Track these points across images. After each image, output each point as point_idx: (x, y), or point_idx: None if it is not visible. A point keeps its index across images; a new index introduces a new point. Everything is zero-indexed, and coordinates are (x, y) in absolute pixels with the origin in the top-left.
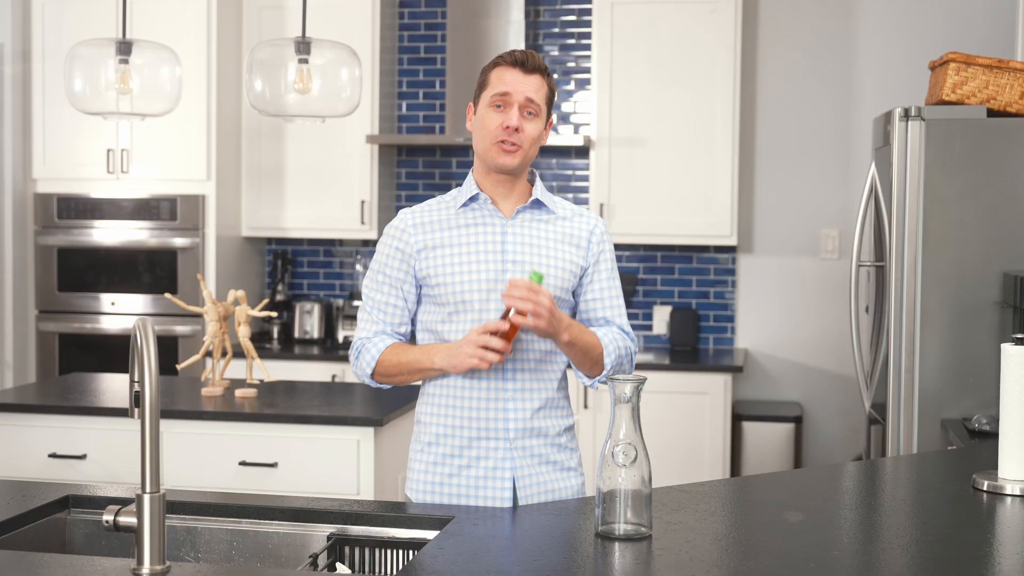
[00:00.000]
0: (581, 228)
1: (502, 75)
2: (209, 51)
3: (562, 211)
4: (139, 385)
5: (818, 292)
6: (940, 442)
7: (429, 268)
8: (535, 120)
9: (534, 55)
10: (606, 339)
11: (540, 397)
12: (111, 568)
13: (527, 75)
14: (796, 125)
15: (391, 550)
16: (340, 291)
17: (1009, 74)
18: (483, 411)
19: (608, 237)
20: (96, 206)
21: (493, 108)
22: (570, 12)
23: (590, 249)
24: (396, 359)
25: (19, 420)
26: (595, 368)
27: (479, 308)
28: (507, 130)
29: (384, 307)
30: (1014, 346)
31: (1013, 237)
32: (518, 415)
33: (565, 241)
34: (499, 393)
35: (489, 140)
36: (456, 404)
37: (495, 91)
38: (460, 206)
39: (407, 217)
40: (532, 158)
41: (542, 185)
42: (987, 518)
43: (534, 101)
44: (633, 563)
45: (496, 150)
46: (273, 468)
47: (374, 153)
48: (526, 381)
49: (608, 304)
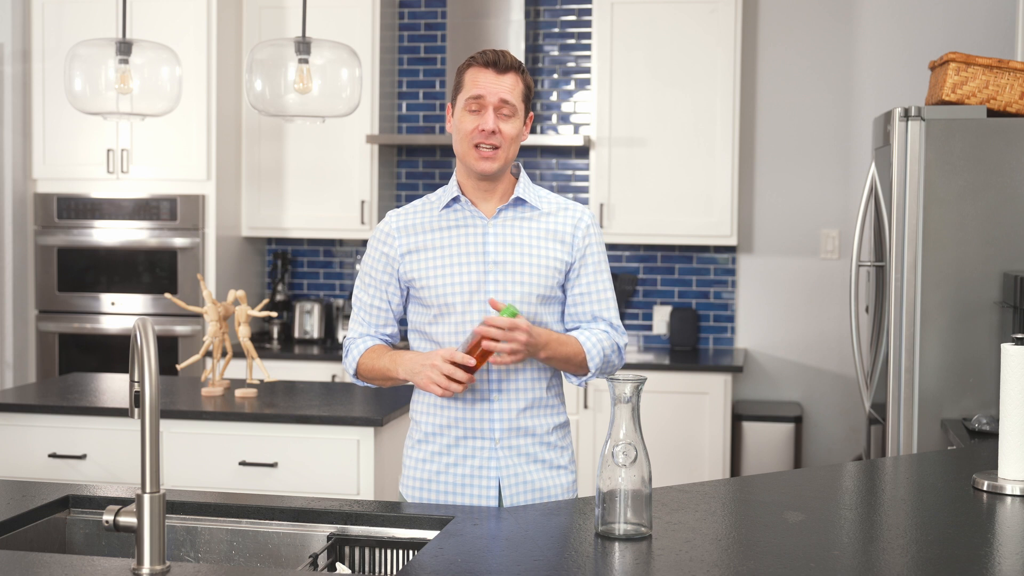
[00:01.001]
0: (566, 223)
1: (475, 77)
2: (209, 51)
3: (546, 206)
4: (139, 385)
5: (818, 292)
6: (940, 442)
7: (413, 272)
8: (511, 120)
9: (506, 54)
10: (589, 343)
11: (526, 398)
12: (111, 568)
13: (500, 75)
14: (796, 125)
15: (391, 550)
16: (340, 291)
17: (1009, 74)
18: (469, 411)
19: (596, 231)
20: (96, 206)
21: (468, 111)
22: (570, 12)
23: (575, 244)
24: (371, 364)
25: (19, 420)
26: (580, 370)
27: (462, 311)
28: (483, 133)
29: (369, 309)
30: (1014, 346)
31: (1013, 237)
32: (503, 415)
33: (549, 237)
34: (484, 394)
35: (466, 143)
36: (445, 403)
37: (469, 94)
38: (443, 207)
39: (392, 220)
40: (513, 157)
41: (527, 180)
42: (987, 518)
43: (509, 102)
44: (633, 563)
45: (474, 155)
46: (273, 468)
47: (374, 153)
48: (511, 382)
49: (595, 299)
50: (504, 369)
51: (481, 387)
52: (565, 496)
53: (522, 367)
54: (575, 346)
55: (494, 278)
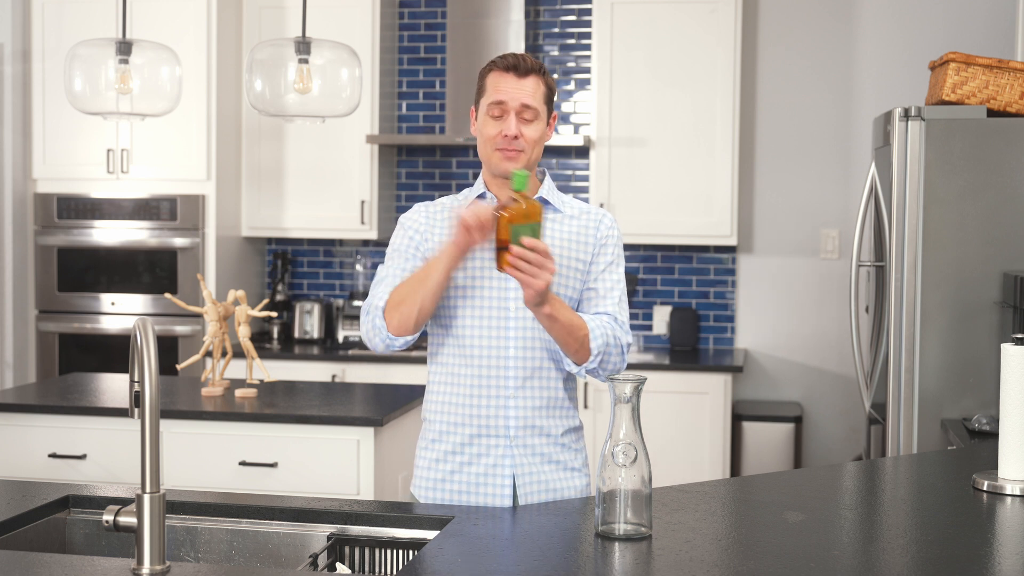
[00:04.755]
0: (588, 225)
1: (497, 82)
2: (209, 51)
3: (570, 210)
4: (139, 385)
5: (818, 292)
6: (940, 442)
7: None
8: (534, 123)
9: (527, 57)
10: (593, 323)
11: (542, 396)
12: (111, 568)
13: (521, 79)
14: (796, 125)
15: (391, 550)
16: (340, 291)
17: (1009, 74)
18: (484, 408)
19: (615, 232)
20: (96, 206)
21: (491, 116)
22: (570, 12)
23: (596, 243)
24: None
25: (19, 420)
26: (581, 352)
27: (484, 305)
28: (506, 138)
29: (401, 274)
30: (1014, 346)
31: (1013, 237)
32: (519, 412)
33: (573, 240)
34: (501, 391)
35: (490, 147)
36: (459, 401)
37: (491, 99)
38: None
39: (421, 211)
40: (537, 158)
41: (551, 183)
42: (987, 518)
43: (530, 106)
44: (633, 563)
45: (498, 157)
46: (273, 468)
47: (374, 153)
48: (528, 379)
49: (603, 294)
50: (522, 367)
51: (500, 383)
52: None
53: (539, 363)
54: (579, 320)
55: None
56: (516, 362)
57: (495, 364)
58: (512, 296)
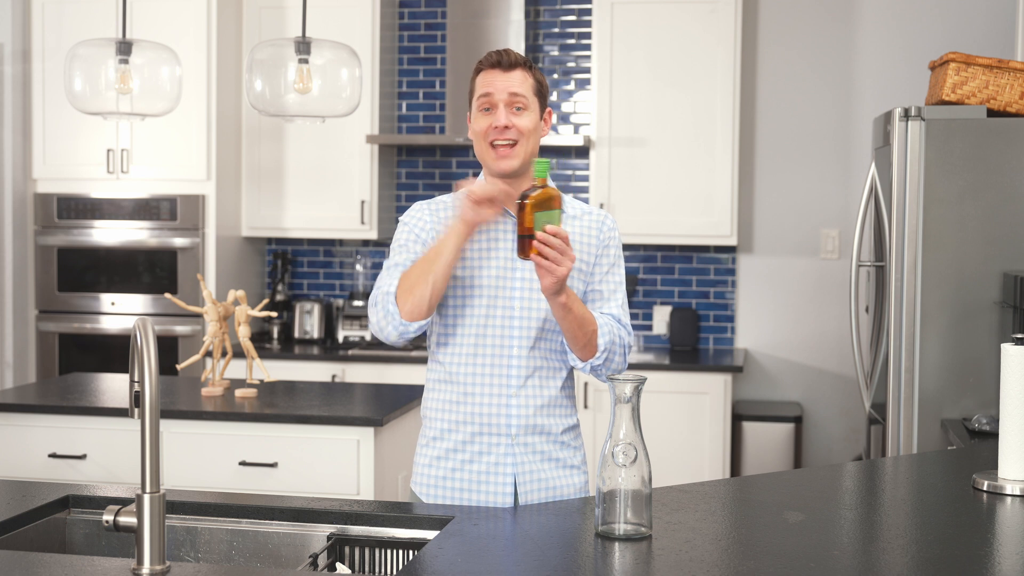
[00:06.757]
0: (590, 225)
1: (484, 79)
2: (209, 51)
3: (572, 210)
4: (139, 385)
5: (818, 292)
6: (940, 442)
7: None
8: (525, 113)
9: (510, 52)
10: (600, 320)
11: (544, 395)
12: (111, 568)
13: (507, 72)
14: (796, 125)
15: (391, 550)
16: (340, 291)
17: (1009, 74)
18: (486, 407)
19: (616, 234)
20: (96, 206)
21: (481, 112)
22: (570, 12)
23: (599, 244)
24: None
25: (19, 420)
26: (588, 348)
27: (487, 304)
28: (496, 130)
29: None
30: (1014, 346)
31: (1013, 237)
32: (521, 411)
33: (576, 240)
34: (503, 389)
35: (483, 143)
36: (460, 400)
37: (479, 95)
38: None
39: (424, 208)
40: (533, 152)
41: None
42: (987, 518)
43: (519, 94)
44: (633, 563)
45: (492, 154)
46: (273, 468)
47: (374, 153)
48: (530, 378)
49: (607, 296)
50: (525, 366)
51: (502, 382)
52: (578, 496)
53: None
54: (590, 315)
55: (520, 275)
56: (519, 361)
57: (498, 363)
58: (517, 296)
